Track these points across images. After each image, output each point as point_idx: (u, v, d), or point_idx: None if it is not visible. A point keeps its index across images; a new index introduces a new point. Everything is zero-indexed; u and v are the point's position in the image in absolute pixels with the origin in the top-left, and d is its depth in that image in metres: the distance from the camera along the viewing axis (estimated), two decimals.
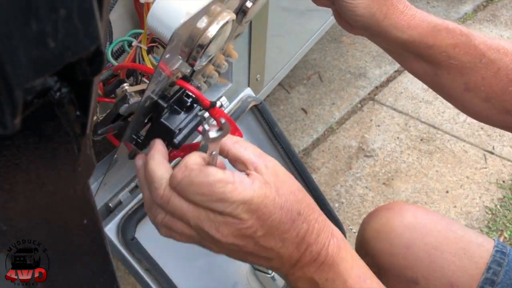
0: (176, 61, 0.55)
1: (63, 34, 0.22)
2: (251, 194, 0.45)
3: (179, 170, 0.46)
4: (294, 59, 1.51)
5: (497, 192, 1.71)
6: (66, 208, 0.35)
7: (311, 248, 0.47)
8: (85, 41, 0.24)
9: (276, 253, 0.47)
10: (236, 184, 0.45)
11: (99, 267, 0.42)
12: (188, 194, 0.45)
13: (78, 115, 0.32)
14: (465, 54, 0.66)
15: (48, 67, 0.23)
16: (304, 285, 0.49)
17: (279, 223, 0.46)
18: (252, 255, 0.48)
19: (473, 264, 0.76)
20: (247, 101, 0.89)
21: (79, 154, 0.34)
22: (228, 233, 0.45)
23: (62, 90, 0.31)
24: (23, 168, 0.31)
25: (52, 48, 0.22)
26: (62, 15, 0.22)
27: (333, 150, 1.85)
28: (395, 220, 0.82)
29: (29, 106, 0.30)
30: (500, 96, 0.67)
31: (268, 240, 0.46)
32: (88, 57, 0.26)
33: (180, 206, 0.46)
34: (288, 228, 0.46)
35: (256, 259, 0.48)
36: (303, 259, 0.48)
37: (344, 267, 0.48)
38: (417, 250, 0.79)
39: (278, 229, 0.46)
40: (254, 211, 0.45)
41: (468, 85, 0.68)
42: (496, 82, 0.67)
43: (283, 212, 0.46)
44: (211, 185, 0.44)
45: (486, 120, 0.74)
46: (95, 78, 0.30)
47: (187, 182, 0.45)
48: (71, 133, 0.33)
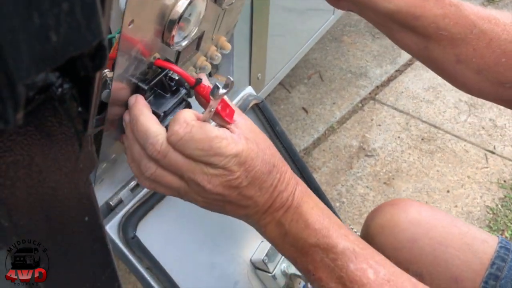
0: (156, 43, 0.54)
1: (65, 28, 0.22)
2: (241, 148, 0.49)
3: (180, 126, 0.48)
4: (295, 59, 1.51)
5: (498, 192, 1.70)
6: (67, 205, 0.35)
7: (281, 195, 0.53)
8: (87, 36, 0.24)
9: (253, 201, 0.52)
10: (229, 139, 0.49)
11: (100, 265, 0.42)
12: (188, 149, 0.48)
13: (80, 111, 0.32)
14: (455, 24, 0.64)
15: (51, 62, 0.23)
16: (272, 228, 0.54)
17: (260, 174, 0.51)
18: (231, 204, 0.52)
19: (477, 259, 0.77)
20: (248, 99, 0.89)
21: (80, 150, 0.34)
22: (219, 184, 0.49)
23: (64, 86, 0.31)
24: (24, 164, 0.31)
25: (55, 42, 0.22)
26: (64, 9, 0.22)
27: (334, 149, 1.85)
28: (400, 216, 0.83)
29: (31, 101, 0.30)
30: (492, 67, 0.66)
31: (250, 189, 0.51)
32: (91, 52, 0.26)
33: (176, 160, 0.49)
34: (265, 178, 0.51)
35: (234, 208, 0.53)
36: (274, 205, 0.53)
37: (306, 208, 0.53)
38: (422, 244, 0.80)
39: (259, 179, 0.51)
40: (243, 164, 0.49)
41: (460, 57, 0.66)
42: (488, 54, 0.65)
43: (263, 164, 0.51)
44: (210, 140, 0.48)
45: (478, 93, 0.72)
46: (97, 73, 0.29)
47: (188, 138, 0.48)
48: (72, 129, 0.33)
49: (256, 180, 0.51)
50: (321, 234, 0.52)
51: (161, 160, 0.49)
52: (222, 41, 0.74)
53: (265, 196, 0.52)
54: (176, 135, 0.48)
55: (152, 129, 0.50)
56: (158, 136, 0.49)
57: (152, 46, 0.54)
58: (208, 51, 0.72)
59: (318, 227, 0.52)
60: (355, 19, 2.49)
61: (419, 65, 2.24)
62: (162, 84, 0.56)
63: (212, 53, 0.73)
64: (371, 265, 0.51)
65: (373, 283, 0.50)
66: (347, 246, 0.51)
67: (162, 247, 0.72)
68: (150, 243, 0.70)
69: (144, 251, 0.70)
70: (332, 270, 0.51)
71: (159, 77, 0.56)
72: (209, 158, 0.48)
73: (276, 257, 0.88)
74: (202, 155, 0.48)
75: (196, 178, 0.49)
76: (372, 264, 0.51)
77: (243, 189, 0.50)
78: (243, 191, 0.51)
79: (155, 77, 0.56)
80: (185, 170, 0.49)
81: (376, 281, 0.50)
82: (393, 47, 2.35)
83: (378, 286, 0.50)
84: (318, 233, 0.52)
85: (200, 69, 0.72)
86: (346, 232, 0.53)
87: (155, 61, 0.55)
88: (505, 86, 0.66)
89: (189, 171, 0.49)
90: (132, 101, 0.53)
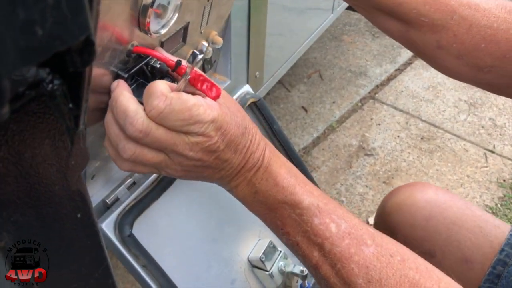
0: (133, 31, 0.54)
1: (51, 22, 0.22)
2: (217, 113, 0.50)
3: (159, 100, 0.48)
4: (294, 57, 1.51)
5: (498, 191, 1.70)
6: (59, 201, 0.35)
7: (253, 155, 0.55)
8: (74, 30, 0.24)
9: (229, 163, 0.54)
10: (205, 106, 0.50)
11: (93, 262, 0.42)
12: (169, 121, 0.49)
13: (71, 107, 0.32)
14: (436, 11, 0.66)
15: (36, 56, 0.23)
16: (243, 187, 0.56)
17: (235, 136, 0.53)
18: (209, 168, 0.54)
19: (488, 243, 0.78)
20: (246, 97, 0.89)
21: (72, 147, 0.34)
22: (199, 150, 0.51)
23: (54, 82, 0.31)
24: (14, 162, 0.30)
25: (40, 36, 0.22)
26: (50, 3, 0.22)
27: (334, 148, 1.85)
28: (417, 195, 0.86)
29: (20, 97, 0.30)
30: (472, 53, 0.67)
31: (226, 152, 0.52)
32: (79, 47, 0.26)
33: (159, 136, 0.49)
34: (239, 140, 0.53)
35: (211, 172, 0.54)
36: (246, 166, 0.55)
37: (274, 167, 0.56)
38: (437, 223, 0.82)
39: (233, 142, 0.53)
40: (219, 128, 0.51)
41: (440, 43, 0.68)
42: (468, 39, 0.66)
43: (237, 127, 0.53)
44: (189, 109, 0.48)
45: (458, 77, 0.73)
46: (87, 69, 0.29)
47: (169, 111, 0.48)
48: (63, 125, 0.33)
49: (232, 142, 0.52)
50: (288, 191, 0.55)
51: (144, 138, 0.49)
52: (213, 35, 0.74)
53: (239, 157, 0.54)
54: (156, 109, 0.48)
55: (131, 108, 0.50)
56: (138, 115, 0.49)
57: (130, 33, 0.54)
58: (198, 45, 0.72)
59: (286, 185, 0.55)
60: (355, 18, 2.48)
61: (419, 65, 2.24)
62: (144, 73, 0.56)
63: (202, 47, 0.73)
64: (333, 219, 0.54)
65: (335, 236, 0.53)
66: (312, 201, 0.54)
67: (159, 245, 0.72)
68: (146, 241, 0.70)
69: (141, 249, 0.69)
70: (298, 225, 0.54)
71: (139, 65, 0.55)
72: (189, 127, 0.49)
73: (274, 255, 0.88)
74: (184, 125, 0.49)
75: (178, 149, 0.50)
76: (334, 218, 0.54)
77: (221, 152, 0.52)
78: (220, 155, 0.52)
79: (135, 66, 0.55)
80: (168, 144, 0.50)
81: (338, 234, 0.53)
82: (393, 46, 2.35)
83: (339, 239, 0.52)
84: (285, 191, 0.55)
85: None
86: (311, 189, 0.56)
87: (133, 48, 0.55)
88: (483, 70, 0.68)
89: (172, 143, 0.50)
90: (114, 85, 0.54)
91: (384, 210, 0.89)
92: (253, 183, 0.55)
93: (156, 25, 0.56)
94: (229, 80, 0.91)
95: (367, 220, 1.60)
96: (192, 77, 0.51)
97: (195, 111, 0.49)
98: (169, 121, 0.49)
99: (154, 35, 0.56)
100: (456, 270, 0.78)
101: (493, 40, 0.65)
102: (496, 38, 0.65)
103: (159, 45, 0.60)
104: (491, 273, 0.75)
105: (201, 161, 0.52)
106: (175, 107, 0.48)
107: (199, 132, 0.50)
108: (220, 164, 0.53)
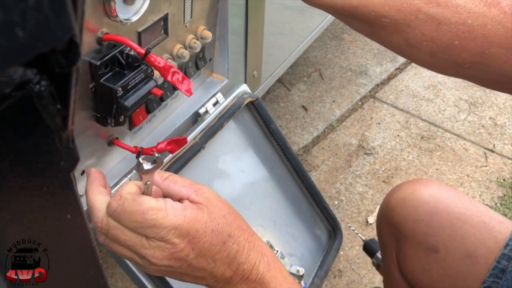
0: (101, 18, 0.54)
1: (32, 24, 0.22)
2: (182, 219, 0.48)
3: (114, 199, 0.49)
4: (293, 56, 1.50)
5: (498, 191, 1.70)
6: (48, 203, 0.35)
7: (242, 267, 0.51)
8: (57, 32, 0.24)
9: (209, 273, 0.50)
10: (168, 210, 0.48)
11: (85, 262, 0.42)
12: (123, 221, 0.49)
13: (59, 108, 0.32)
14: (398, 11, 0.62)
15: (17, 57, 0.22)
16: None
17: (210, 245, 0.49)
18: (187, 275, 0.51)
19: (492, 238, 0.77)
20: (243, 97, 0.88)
21: (61, 148, 0.34)
22: (163, 257, 0.49)
23: (41, 82, 0.31)
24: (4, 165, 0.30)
25: (21, 38, 0.22)
26: (30, 4, 0.21)
27: (333, 147, 1.85)
28: (421, 190, 0.85)
29: (7, 98, 0.30)
30: (446, 50, 0.63)
31: (200, 261, 0.49)
32: (63, 49, 0.26)
33: (117, 234, 0.49)
34: (219, 249, 0.50)
35: (192, 278, 0.52)
36: (235, 277, 0.51)
37: (274, 285, 0.51)
38: (440, 218, 0.81)
39: (210, 251, 0.49)
40: (185, 236, 0.48)
41: (409, 41, 0.64)
42: (439, 37, 0.62)
43: (214, 235, 0.49)
44: (143, 212, 0.47)
45: (440, 72, 0.71)
46: (73, 70, 0.29)
47: (121, 211, 0.48)
48: (52, 126, 0.33)
49: (206, 251, 0.49)
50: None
51: (106, 233, 0.51)
52: (201, 29, 0.75)
53: (221, 267, 0.50)
54: (110, 207, 0.49)
55: (95, 205, 0.51)
56: (100, 212, 0.50)
57: (98, 21, 0.54)
58: (185, 40, 0.72)
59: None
60: None
61: None
62: (119, 62, 0.56)
63: (190, 42, 0.73)
64: None
65: None
66: None
67: None
68: None
69: None
70: None
71: (112, 53, 0.55)
72: (144, 230, 0.48)
73: None
74: (138, 227, 0.48)
75: (140, 251, 0.49)
76: None
77: (192, 261, 0.49)
78: (193, 263, 0.49)
79: (107, 54, 0.55)
80: (128, 244, 0.50)
81: None
82: None
83: None
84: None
85: (178, 57, 0.72)
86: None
87: (103, 35, 0.55)
88: (464, 66, 0.64)
89: (132, 244, 0.49)
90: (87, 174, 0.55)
91: (388, 205, 0.89)
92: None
93: (126, 13, 0.56)
94: (227, 80, 0.91)
95: (366, 219, 1.59)
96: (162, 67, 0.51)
97: (151, 215, 0.47)
98: (123, 221, 0.49)
99: (126, 23, 0.56)
100: (460, 265, 0.78)
101: (468, 37, 0.61)
102: (471, 34, 0.61)
103: (135, 35, 0.60)
104: (495, 267, 0.75)
105: (171, 267, 0.50)
106: (127, 208, 0.48)
107: (157, 237, 0.48)
108: (197, 272, 0.50)
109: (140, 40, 0.61)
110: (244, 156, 0.91)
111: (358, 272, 1.46)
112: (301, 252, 1.00)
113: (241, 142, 0.90)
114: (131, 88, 0.55)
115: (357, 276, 1.45)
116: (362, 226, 1.58)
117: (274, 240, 0.92)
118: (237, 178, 0.89)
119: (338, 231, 1.09)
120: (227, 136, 0.87)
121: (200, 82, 0.88)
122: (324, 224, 1.08)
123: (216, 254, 0.50)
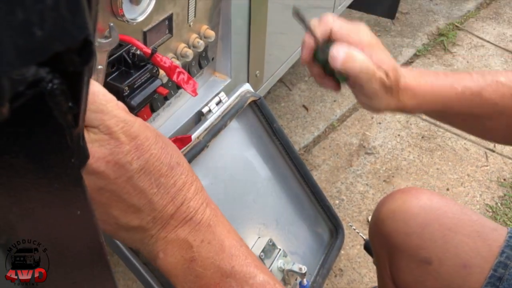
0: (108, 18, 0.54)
1: (50, 23, 0.23)
2: (134, 118, 0.40)
3: None
4: (295, 56, 1.51)
5: (498, 190, 1.70)
6: (59, 199, 0.36)
7: (188, 203, 0.42)
8: (73, 31, 0.24)
9: (148, 201, 0.40)
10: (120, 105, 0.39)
11: (93, 257, 0.42)
12: None
13: (71, 106, 0.33)
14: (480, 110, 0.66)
15: (35, 56, 0.23)
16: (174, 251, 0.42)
17: (158, 161, 0.40)
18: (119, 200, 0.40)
19: (486, 247, 0.77)
20: (246, 96, 0.89)
21: (72, 145, 0.35)
22: (100, 156, 0.38)
23: (54, 81, 0.31)
24: (12, 162, 0.31)
25: (39, 37, 0.23)
26: (48, 5, 0.22)
27: (334, 147, 1.85)
28: (412, 202, 0.84)
29: (20, 97, 0.30)
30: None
31: (142, 178, 0.40)
32: (77, 48, 0.26)
33: None
34: (166, 172, 0.41)
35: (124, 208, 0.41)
36: (177, 217, 0.42)
37: (221, 229, 0.44)
38: (432, 230, 0.80)
39: (156, 168, 0.40)
40: (134, 138, 0.39)
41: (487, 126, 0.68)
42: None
43: (163, 152, 0.41)
44: (93, 94, 0.38)
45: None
46: (86, 68, 0.30)
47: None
48: (63, 124, 0.33)
49: (152, 167, 0.40)
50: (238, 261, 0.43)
51: None
52: (204, 29, 0.75)
53: (164, 198, 0.41)
54: None
55: None
56: None
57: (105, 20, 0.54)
58: (189, 39, 0.73)
59: (236, 253, 0.43)
60: (356, 18, 2.48)
61: (420, 63, 2.24)
62: (125, 61, 0.57)
63: (193, 41, 0.74)
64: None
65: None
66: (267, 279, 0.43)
67: None
68: None
69: None
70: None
71: (119, 53, 0.56)
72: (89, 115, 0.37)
73: (273, 253, 0.88)
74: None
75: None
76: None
77: (134, 174, 0.39)
78: (134, 177, 0.39)
79: (114, 53, 0.56)
80: None
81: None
82: (394, 46, 2.35)
83: None
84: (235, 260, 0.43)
85: (181, 56, 0.73)
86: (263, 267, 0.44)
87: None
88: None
89: None
90: None
91: (379, 216, 0.88)
92: (189, 244, 0.42)
93: (133, 13, 0.57)
94: (229, 79, 0.91)
95: (367, 219, 1.60)
96: (168, 67, 0.51)
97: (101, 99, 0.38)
98: None
99: (132, 22, 0.57)
100: (454, 276, 0.77)
101: None
102: None
103: (141, 35, 0.61)
104: (492, 276, 0.75)
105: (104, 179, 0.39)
106: None
107: (101, 127, 0.38)
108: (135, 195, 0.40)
109: (146, 39, 0.62)
110: (247, 155, 0.92)
111: (359, 271, 1.46)
112: (303, 251, 1.01)
113: (244, 141, 0.91)
114: (137, 87, 0.56)
115: (358, 275, 1.46)
116: (363, 226, 1.58)
117: (276, 238, 0.93)
118: (240, 177, 0.89)
119: (340, 229, 1.10)
120: (230, 135, 0.88)
121: (203, 81, 0.88)
122: (326, 222, 1.09)
123: (161, 176, 0.40)
